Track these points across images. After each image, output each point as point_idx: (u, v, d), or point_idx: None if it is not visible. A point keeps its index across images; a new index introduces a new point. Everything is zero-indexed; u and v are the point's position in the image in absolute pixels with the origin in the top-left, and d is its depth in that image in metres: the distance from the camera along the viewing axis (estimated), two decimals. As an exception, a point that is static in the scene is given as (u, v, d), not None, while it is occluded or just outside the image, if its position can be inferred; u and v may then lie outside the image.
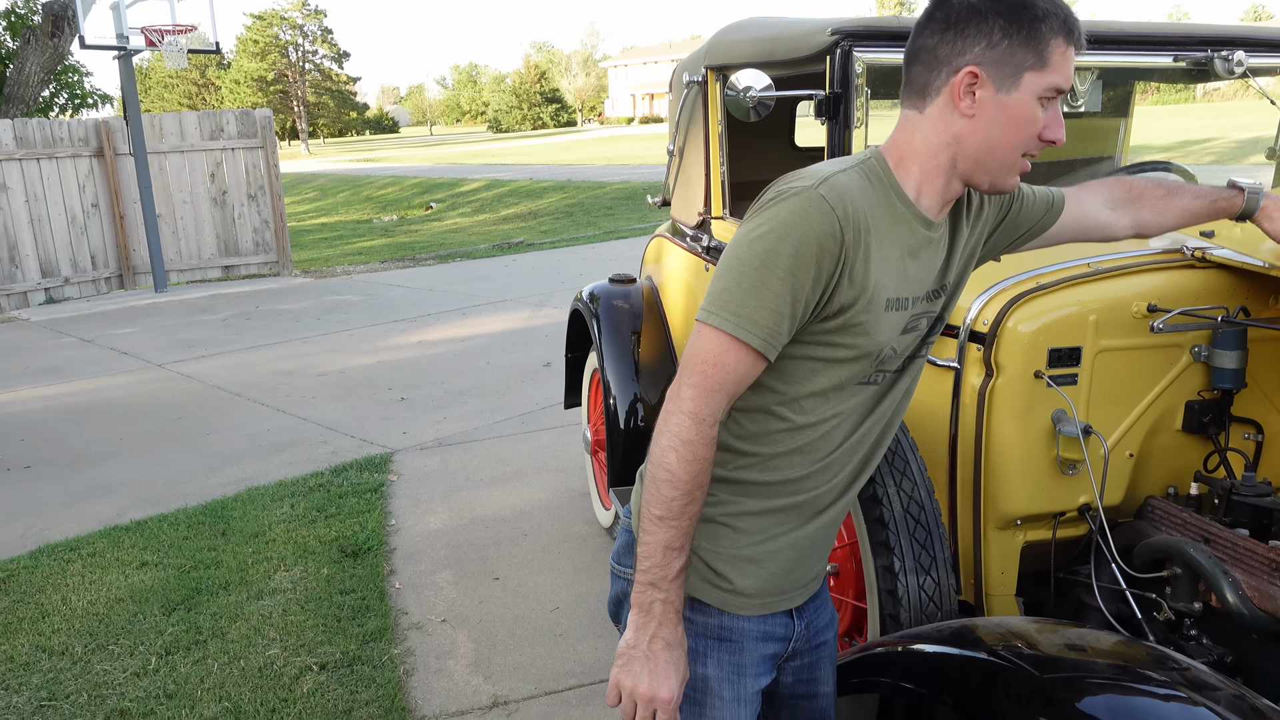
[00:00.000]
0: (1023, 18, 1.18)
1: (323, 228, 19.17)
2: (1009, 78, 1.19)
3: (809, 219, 1.15)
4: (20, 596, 3.52)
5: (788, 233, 1.15)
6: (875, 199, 1.23)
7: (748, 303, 1.16)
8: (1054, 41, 1.19)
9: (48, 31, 11.21)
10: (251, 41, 65.75)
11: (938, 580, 1.95)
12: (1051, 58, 1.19)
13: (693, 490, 1.20)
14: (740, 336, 1.17)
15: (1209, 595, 1.78)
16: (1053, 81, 1.20)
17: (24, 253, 9.89)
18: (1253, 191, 1.67)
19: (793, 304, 1.17)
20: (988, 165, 1.24)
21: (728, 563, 1.31)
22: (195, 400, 6.12)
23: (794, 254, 1.15)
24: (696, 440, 1.19)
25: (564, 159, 32.94)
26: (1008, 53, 1.18)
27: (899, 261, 1.25)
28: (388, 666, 2.96)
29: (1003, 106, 1.20)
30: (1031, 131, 1.22)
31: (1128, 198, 1.62)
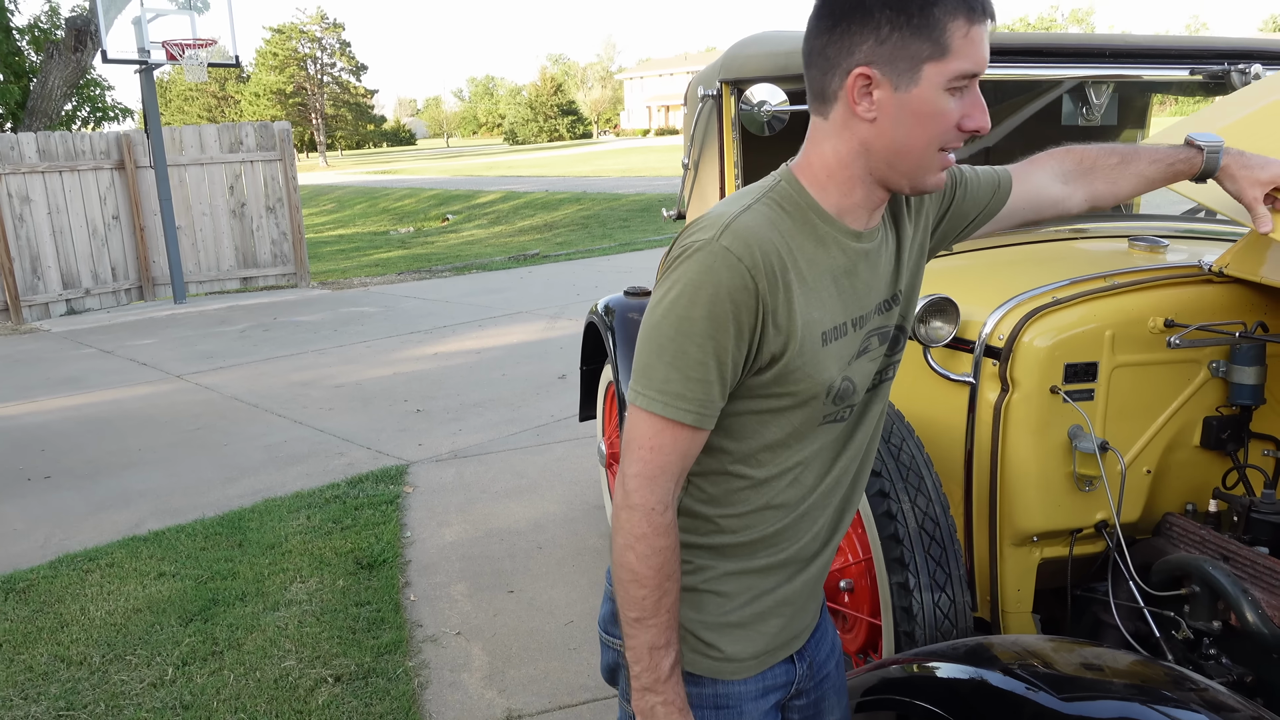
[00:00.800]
0: (910, 6, 1.06)
1: (340, 239, 19.30)
2: (906, 73, 1.08)
3: (716, 275, 1.07)
4: (40, 606, 3.55)
5: (697, 294, 1.07)
6: (791, 227, 1.14)
7: (672, 377, 1.10)
8: (952, 25, 1.07)
9: (70, 46, 11.37)
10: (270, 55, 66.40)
11: (953, 597, 1.94)
12: (953, 43, 1.07)
13: (662, 583, 1.14)
14: (670, 416, 1.10)
15: (1228, 614, 1.76)
16: (958, 68, 1.08)
17: (46, 264, 10.00)
18: (1211, 150, 1.57)
19: (719, 367, 1.10)
20: (902, 168, 1.13)
21: (716, 631, 1.24)
22: (213, 411, 6.17)
23: (708, 316, 1.07)
24: (651, 533, 1.13)
25: (580, 171, 33.06)
26: (900, 47, 1.07)
27: (830, 288, 1.16)
28: (402, 679, 2.97)
29: (904, 105, 1.09)
30: (944, 126, 1.10)
31: (1079, 169, 1.51)
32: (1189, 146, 1.57)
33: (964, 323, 2.10)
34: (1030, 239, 2.59)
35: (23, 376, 7.46)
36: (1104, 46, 2.45)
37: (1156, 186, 1.58)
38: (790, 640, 1.31)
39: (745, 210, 1.12)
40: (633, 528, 1.13)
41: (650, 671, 1.16)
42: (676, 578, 1.16)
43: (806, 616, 1.33)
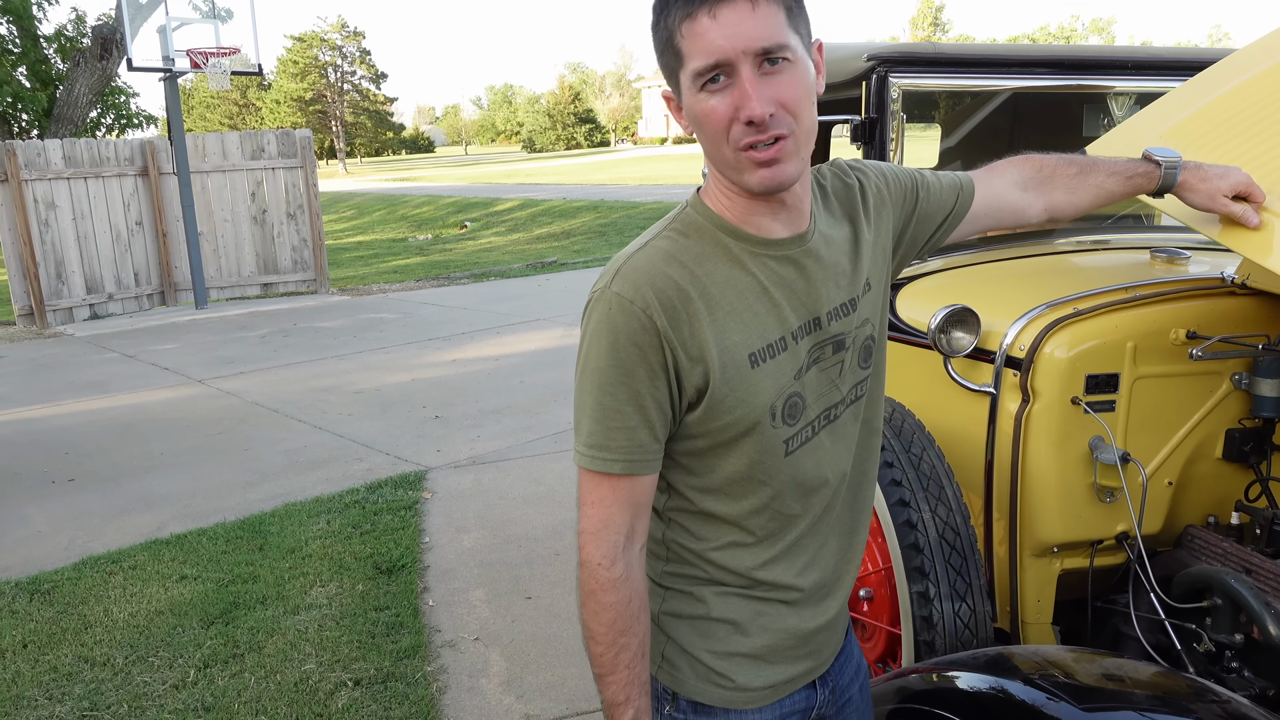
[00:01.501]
0: (655, 26, 1.08)
1: (359, 246, 19.43)
2: (676, 88, 1.10)
3: (614, 323, 1.07)
4: (64, 607, 3.59)
5: (599, 345, 1.08)
6: (700, 252, 1.12)
7: (596, 431, 1.10)
8: (679, 30, 1.04)
9: (96, 54, 11.52)
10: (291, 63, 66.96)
11: (973, 607, 1.94)
12: (684, 46, 1.04)
13: (615, 639, 1.12)
14: (600, 469, 1.11)
15: (1250, 627, 1.75)
16: (694, 67, 1.04)
17: (70, 269, 10.12)
18: (1169, 166, 1.54)
19: (639, 412, 1.09)
20: (725, 171, 1.11)
21: (726, 660, 1.21)
22: (234, 416, 6.22)
23: (615, 364, 1.08)
24: (598, 589, 1.12)
25: (597, 179, 33.14)
26: (664, 66, 1.09)
27: (754, 307, 1.12)
28: (421, 684, 2.99)
29: (689, 114, 1.09)
30: (718, 125, 1.05)
31: (1039, 177, 1.48)
32: (1147, 161, 1.55)
33: (985, 333, 2.11)
34: (1051, 250, 2.59)
35: (47, 380, 7.55)
36: (1126, 59, 2.45)
37: (1116, 199, 1.56)
38: (810, 670, 1.28)
39: (640, 250, 1.12)
40: (583, 584, 1.14)
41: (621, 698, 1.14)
42: (635, 633, 1.14)
43: (827, 650, 1.30)
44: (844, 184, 1.27)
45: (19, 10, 12.16)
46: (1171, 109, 1.98)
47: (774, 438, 1.15)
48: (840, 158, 1.30)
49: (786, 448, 1.16)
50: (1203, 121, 1.88)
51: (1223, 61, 2.01)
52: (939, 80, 2.44)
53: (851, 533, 1.29)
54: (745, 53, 1.02)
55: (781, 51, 1.03)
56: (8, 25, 12.49)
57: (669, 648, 1.23)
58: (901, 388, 2.39)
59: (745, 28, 1.01)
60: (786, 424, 1.15)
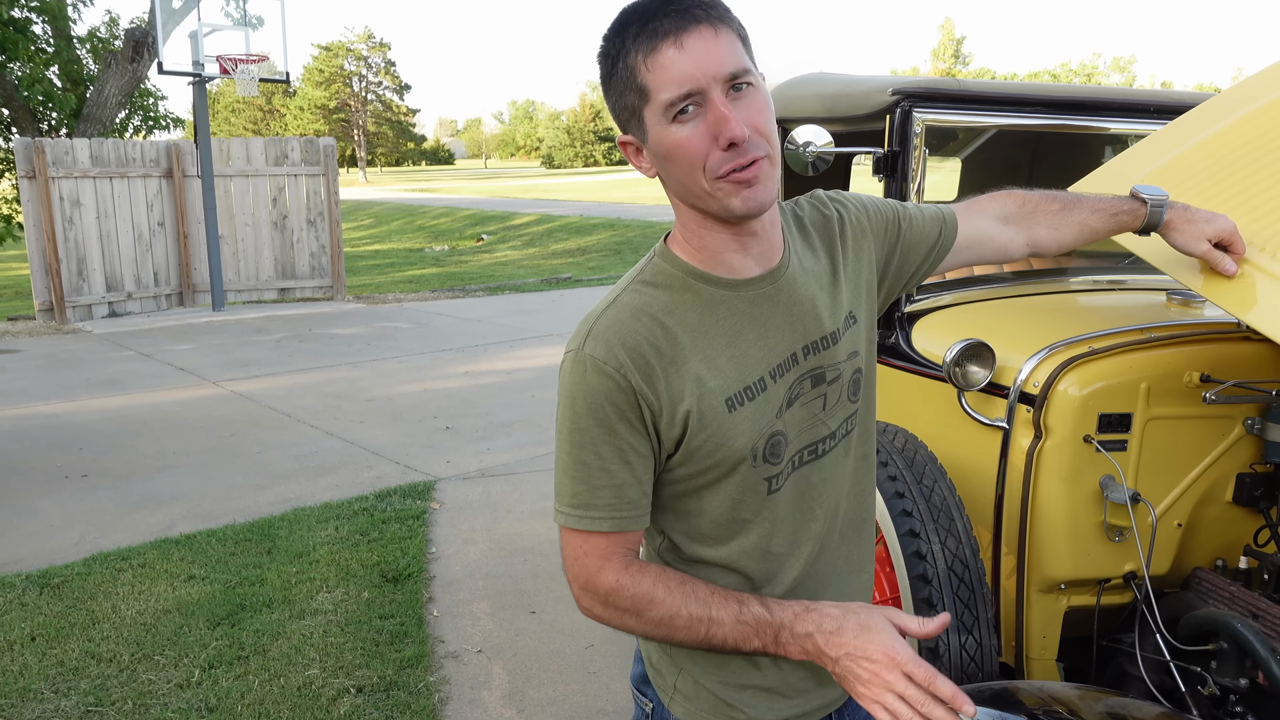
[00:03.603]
0: (608, 68, 1.06)
1: (376, 254, 19.55)
2: (637, 128, 1.07)
3: (589, 383, 1.07)
4: (73, 602, 3.62)
5: (577, 404, 1.08)
6: (669, 301, 1.11)
7: (580, 490, 1.10)
8: (640, 67, 1.02)
9: (128, 56, 11.67)
10: (317, 71, 67.63)
11: (980, 640, 1.95)
12: (647, 82, 1.02)
13: (664, 620, 1.10)
14: (587, 529, 1.10)
15: (1256, 672, 1.76)
16: (663, 100, 1.02)
17: (91, 267, 10.22)
18: (1155, 205, 1.50)
19: (625, 467, 1.09)
20: (699, 203, 1.08)
21: (739, 691, 1.20)
22: (247, 419, 6.26)
23: (595, 424, 1.08)
24: (617, 617, 1.12)
25: (615, 197, 33.29)
26: (623, 108, 1.07)
27: (729, 351, 1.11)
28: (423, 694, 3.00)
29: (656, 154, 1.07)
30: (694, 154, 1.03)
31: (1021, 213, 1.46)
32: (1134, 199, 1.52)
33: (1000, 368, 2.12)
34: (1067, 288, 2.60)
35: (64, 376, 7.62)
36: (1149, 102, 2.48)
37: (1100, 236, 1.54)
38: (827, 704, 1.26)
39: (609, 306, 1.12)
40: (612, 623, 1.13)
41: (758, 643, 1.09)
42: (679, 600, 1.09)
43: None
44: (822, 215, 1.26)
45: (54, 10, 12.34)
46: (1158, 149, 1.98)
47: (755, 477, 1.14)
48: (820, 189, 1.31)
49: (769, 486, 1.15)
50: (1189, 163, 1.88)
51: (1208, 102, 2.02)
52: (962, 116, 2.47)
53: (858, 570, 1.27)
54: (715, 79, 1.01)
55: (746, 76, 1.03)
56: (43, 25, 12.68)
57: (680, 679, 1.22)
58: (915, 419, 2.40)
59: (713, 54, 1.01)
60: (769, 463, 1.14)
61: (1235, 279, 1.56)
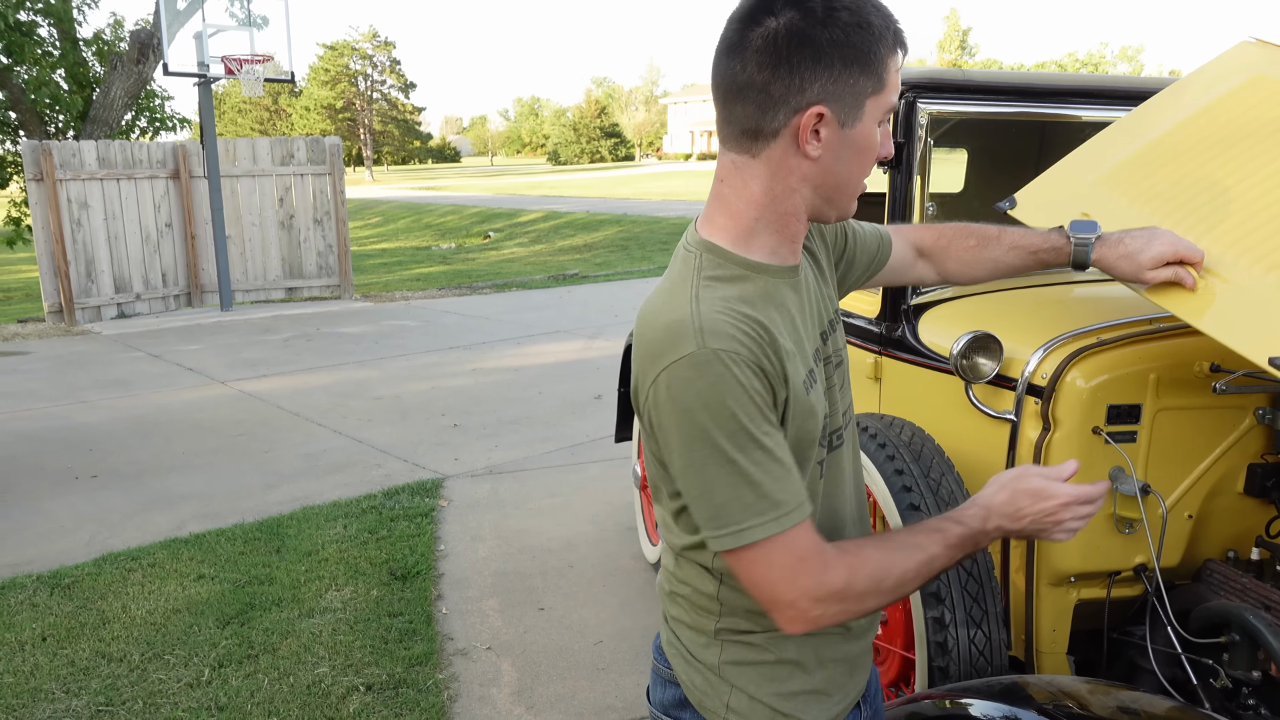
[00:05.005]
0: (861, 43, 1.06)
1: (383, 253, 19.58)
2: (852, 109, 1.08)
3: (729, 378, 1.02)
4: (83, 602, 3.63)
5: (722, 405, 1.02)
6: (742, 292, 1.10)
7: (762, 493, 1.03)
8: (890, 60, 1.08)
9: (134, 58, 11.70)
10: (323, 70, 67.72)
11: (989, 635, 1.94)
12: (888, 78, 1.09)
13: (899, 584, 1.09)
14: (789, 526, 1.04)
15: (1268, 664, 1.74)
16: (890, 102, 1.11)
17: (100, 268, 10.26)
18: (1079, 243, 1.48)
19: (785, 449, 1.07)
20: (837, 200, 1.13)
21: (793, 699, 1.21)
22: (256, 418, 6.28)
23: (749, 417, 1.03)
24: (854, 607, 1.08)
25: (621, 193, 33.27)
26: (850, 84, 1.06)
27: (792, 334, 1.13)
28: (432, 691, 3.00)
29: (848, 141, 1.09)
30: (874, 157, 1.12)
31: (935, 247, 1.50)
32: (1059, 234, 1.50)
33: (1007, 360, 2.11)
34: (1075, 279, 2.58)
35: (74, 377, 7.65)
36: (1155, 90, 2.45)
37: (1019, 273, 1.54)
38: (858, 691, 1.29)
39: (696, 303, 1.06)
40: (848, 617, 1.08)
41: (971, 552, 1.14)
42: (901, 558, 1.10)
43: (867, 668, 1.31)
44: None
45: (60, 13, 12.37)
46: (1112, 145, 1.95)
47: (815, 460, 1.16)
48: None
49: (820, 470, 1.17)
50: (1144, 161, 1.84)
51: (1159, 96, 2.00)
52: (967, 106, 2.45)
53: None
54: None
55: None
56: (49, 28, 12.72)
57: (734, 697, 1.20)
58: (922, 412, 2.39)
59: None
60: (822, 446, 1.16)
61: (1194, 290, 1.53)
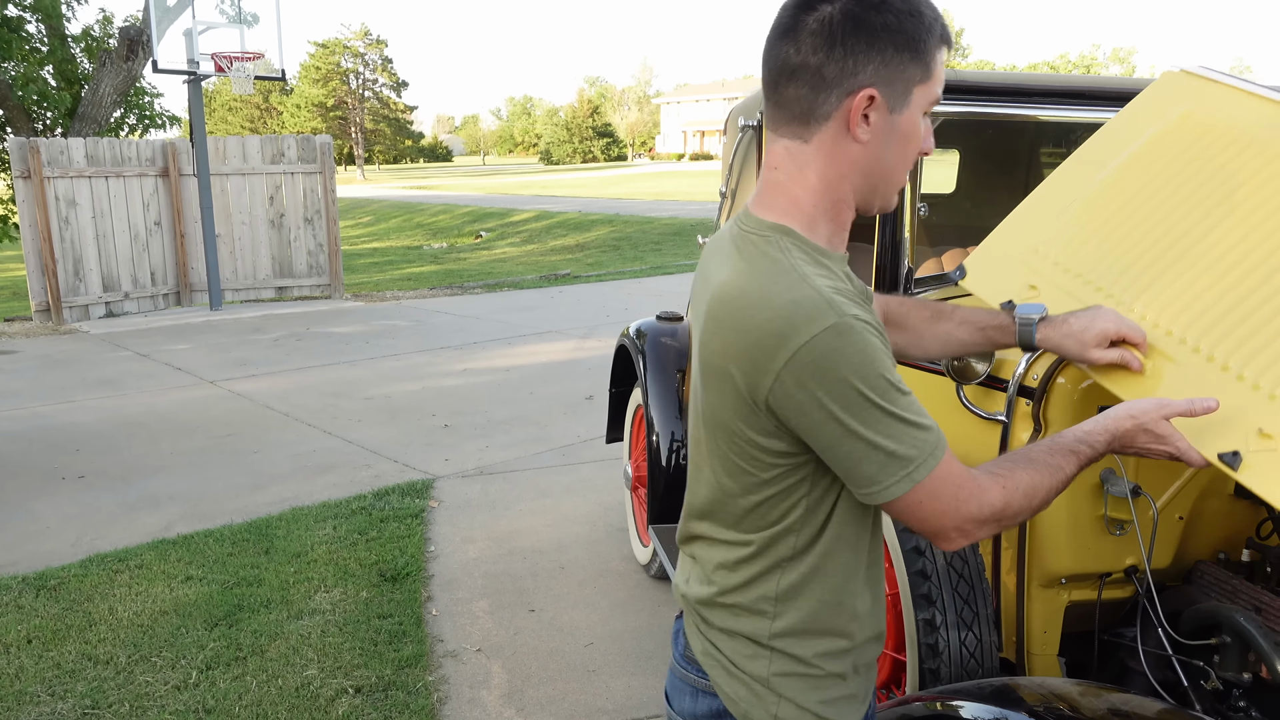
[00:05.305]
0: (913, 30, 1.10)
1: (374, 252, 19.53)
2: (900, 95, 1.12)
3: (866, 341, 1.06)
4: (69, 604, 3.60)
5: (869, 365, 1.06)
6: (829, 273, 1.14)
7: (920, 429, 1.08)
8: (938, 51, 1.13)
9: (123, 55, 11.63)
10: (314, 68, 67.56)
11: (979, 636, 1.93)
12: (935, 69, 1.13)
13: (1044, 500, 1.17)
14: (943, 455, 1.10)
15: (1259, 666, 1.74)
16: (935, 93, 1.15)
17: (88, 267, 10.20)
18: (1023, 324, 1.51)
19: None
20: (882, 189, 1.17)
21: (834, 706, 1.24)
22: (245, 418, 6.25)
23: (888, 369, 1.08)
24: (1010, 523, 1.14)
25: (613, 193, 33.26)
26: (900, 69, 1.11)
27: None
28: (422, 693, 2.98)
29: (896, 127, 1.13)
30: (918, 148, 1.16)
31: (897, 313, 1.53)
32: (1007, 313, 1.53)
33: (998, 361, 2.10)
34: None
35: (61, 376, 7.60)
36: (1147, 90, 2.45)
37: (969, 351, 1.57)
38: (870, 695, 1.32)
39: (807, 280, 1.09)
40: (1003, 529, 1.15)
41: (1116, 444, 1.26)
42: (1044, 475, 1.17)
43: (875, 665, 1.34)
44: None
45: (48, 9, 12.30)
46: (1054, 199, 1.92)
47: None
48: None
49: None
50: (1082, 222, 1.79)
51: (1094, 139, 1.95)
52: (959, 107, 2.45)
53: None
54: None
55: None
56: (37, 24, 12.64)
57: (782, 707, 1.21)
58: (913, 413, 2.38)
59: None
60: None
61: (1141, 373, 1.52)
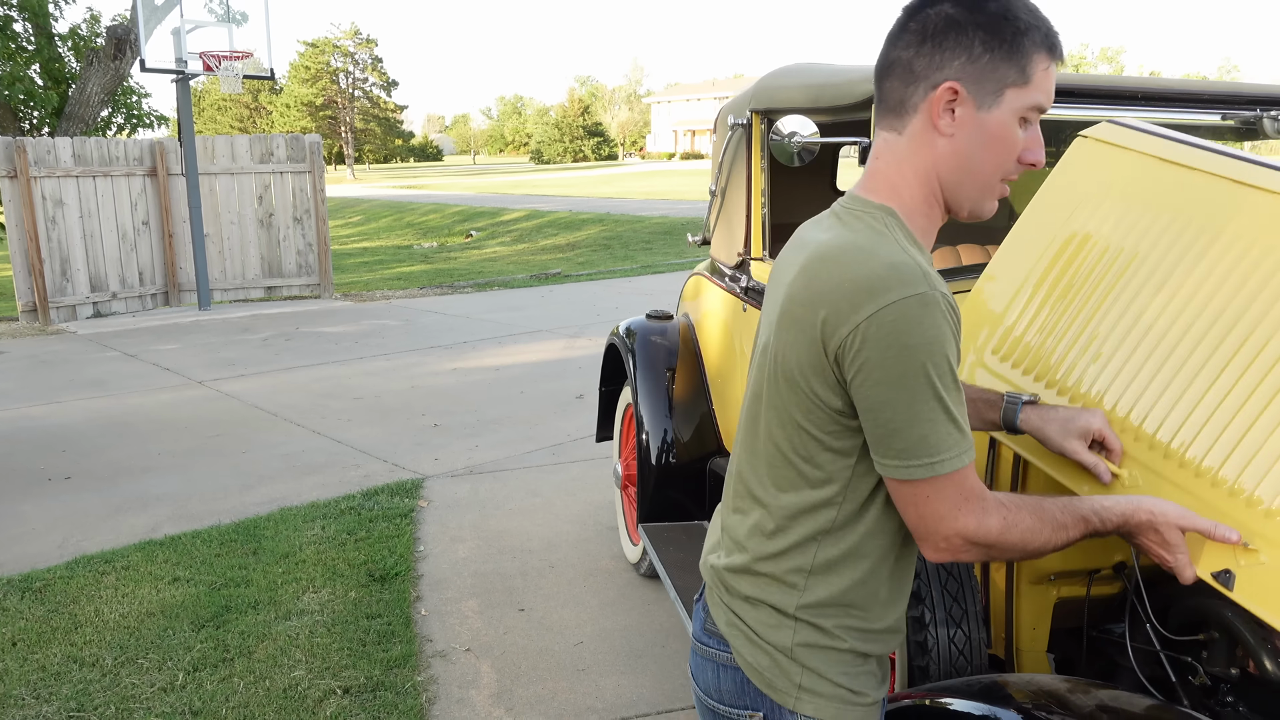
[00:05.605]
0: (1004, 30, 1.13)
1: (364, 252, 19.46)
2: (990, 94, 1.14)
3: (943, 322, 1.08)
4: (55, 606, 3.57)
5: (938, 345, 1.08)
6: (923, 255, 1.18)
7: (957, 428, 1.10)
8: (1037, 56, 1.14)
9: (110, 54, 11.57)
10: (304, 68, 67.33)
11: (969, 634, 1.93)
12: (1034, 74, 1.14)
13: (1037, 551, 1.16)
14: (967, 463, 1.11)
15: (1247, 661, 1.74)
16: (1035, 100, 1.15)
17: (75, 267, 10.14)
18: (1009, 402, 1.54)
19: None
20: (968, 189, 1.18)
21: (857, 678, 1.26)
22: (233, 418, 6.22)
23: (949, 356, 1.09)
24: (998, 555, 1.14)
25: (604, 192, 33.23)
26: (989, 67, 1.13)
27: None
28: (410, 694, 2.97)
29: (982, 125, 1.15)
30: (1010, 152, 1.17)
31: None
32: (996, 392, 1.56)
33: (986, 358, 2.10)
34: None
35: (48, 377, 7.55)
36: (1135, 89, 2.46)
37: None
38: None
39: (908, 252, 1.12)
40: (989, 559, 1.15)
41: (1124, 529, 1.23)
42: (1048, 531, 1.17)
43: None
44: None
45: (35, 8, 12.22)
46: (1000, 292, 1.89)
47: None
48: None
49: None
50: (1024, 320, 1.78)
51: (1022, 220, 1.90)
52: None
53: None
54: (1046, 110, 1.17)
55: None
56: (23, 22, 12.56)
57: (805, 677, 1.23)
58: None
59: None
60: None
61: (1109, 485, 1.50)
